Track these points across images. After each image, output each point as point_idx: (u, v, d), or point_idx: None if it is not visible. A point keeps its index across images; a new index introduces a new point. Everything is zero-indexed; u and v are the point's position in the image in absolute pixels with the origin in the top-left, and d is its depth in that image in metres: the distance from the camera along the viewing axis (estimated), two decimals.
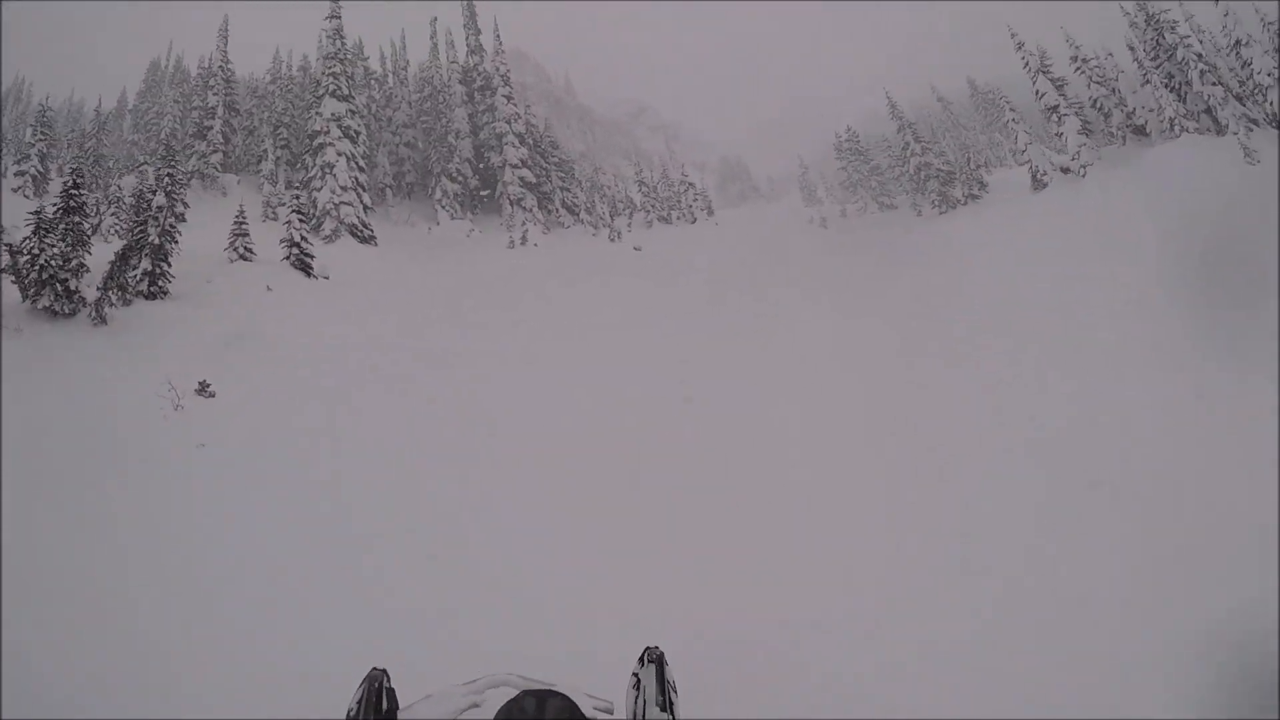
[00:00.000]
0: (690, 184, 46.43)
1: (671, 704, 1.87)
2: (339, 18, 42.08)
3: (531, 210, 43.82)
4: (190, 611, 8.23)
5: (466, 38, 51.05)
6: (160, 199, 22.95)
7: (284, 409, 15.30)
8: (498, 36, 50.35)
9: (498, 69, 49.36)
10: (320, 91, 39.61)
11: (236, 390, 15.98)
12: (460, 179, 46.86)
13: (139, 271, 21.13)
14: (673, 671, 1.93)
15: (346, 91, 39.74)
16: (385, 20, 56.48)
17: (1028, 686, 6.97)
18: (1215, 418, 11.68)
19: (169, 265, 22.05)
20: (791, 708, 6.64)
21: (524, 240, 38.47)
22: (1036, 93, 31.37)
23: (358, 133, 39.47)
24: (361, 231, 34.84)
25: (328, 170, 36.74)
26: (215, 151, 42.01)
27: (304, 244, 26.86)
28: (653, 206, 45.75)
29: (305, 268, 26.56)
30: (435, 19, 51.87)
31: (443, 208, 44.28)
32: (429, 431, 14.89)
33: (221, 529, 10.37)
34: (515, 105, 48.22)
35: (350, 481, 12.45)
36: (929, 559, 9.69)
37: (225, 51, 44.87)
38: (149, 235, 21.90)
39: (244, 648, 7.59)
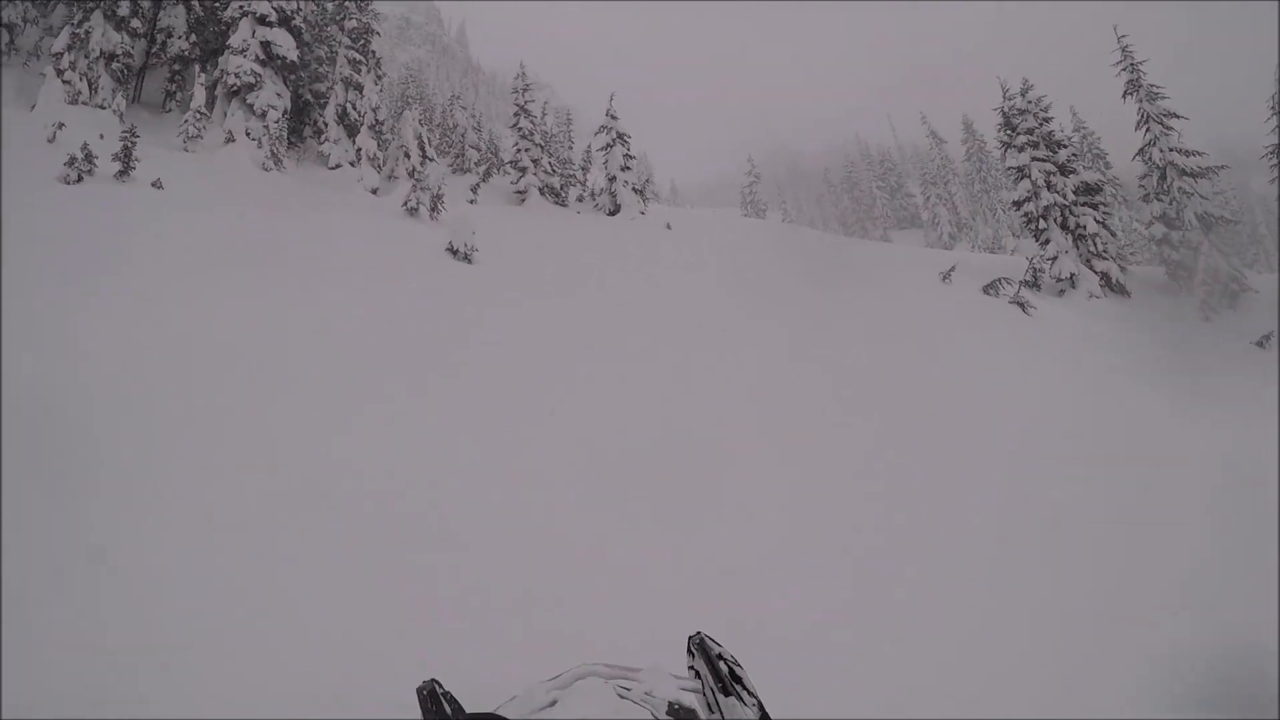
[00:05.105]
0: (621, 136, 23.25)
1: (739, 678, 1.85)
2: None
3: (267, 116, 19.37)
4: None
5: None
6: None
7: None
8: None
9: None
10: None
11: None
12: (135, 28, 21.81)
13: None
14: (723, 646, 1.89)
15: None
16: None
17: None
18: None
19: None
20: None
21: (129, 168, 14.01)
22: None
23: None
24: None
25: None
26: None
27: None
28: (535, 164, 22.18)
29: None
30: None
31: (64, 82, 19.25)
32: None
33: None
34: None
35: None
36: None
37: None
38: None
39: None
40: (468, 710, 1.90)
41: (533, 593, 6.01)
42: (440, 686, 1.91)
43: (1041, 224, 19.41)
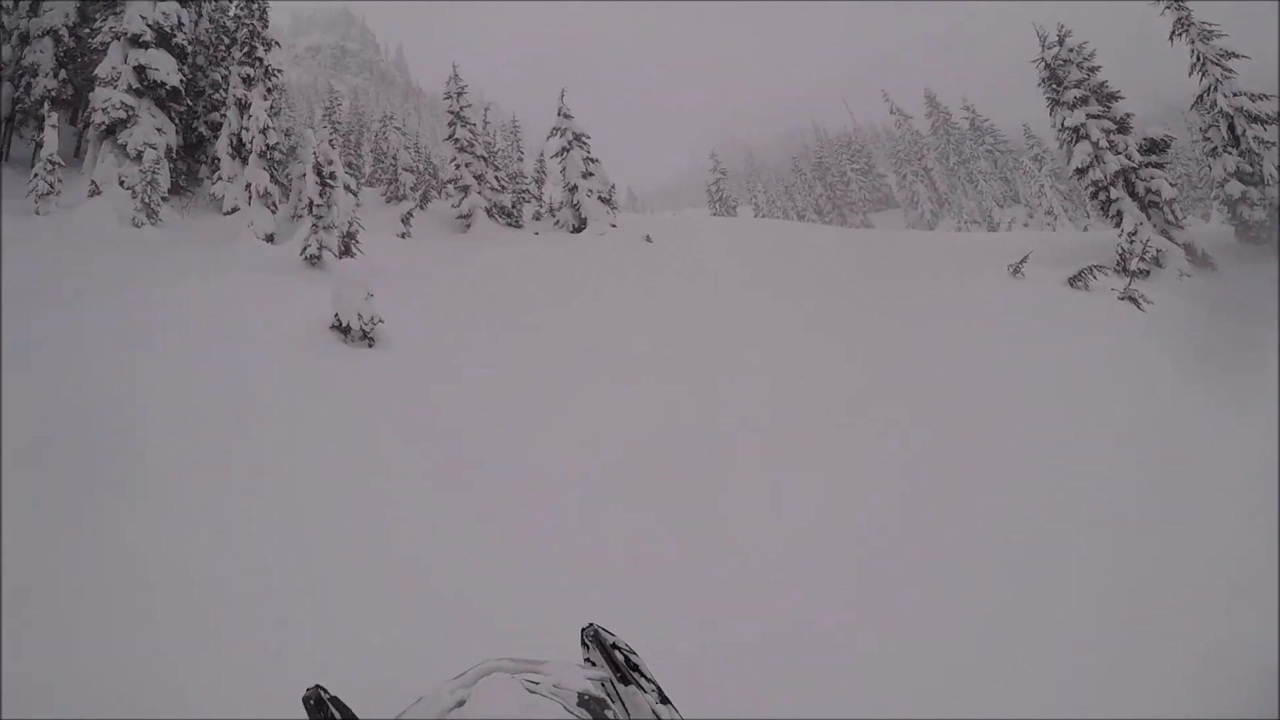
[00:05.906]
0: (578, 138, 19.96)
1: (635, 665, 1.86)
2: None
3: (143, 158, 15.79)
4: None
5: None
6: None
7: None
8: None
9: None
10: None
11: None
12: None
13: None
14: (616, 634, 1.87)
15: None
16: None
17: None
18: None
19: None
20: None
21: None
22: None
23: None
24: None
25: None
26: None
27: None
28: (479, 180, 18.81)
29: None
30: None
31: None
32: None
33: None
34: None
35: None
36: None
37: None
38: None
39: None
40: (359, 714, 1.81)
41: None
42: (326, 692, 1.85)
43: (1111, 193, 16.20)
